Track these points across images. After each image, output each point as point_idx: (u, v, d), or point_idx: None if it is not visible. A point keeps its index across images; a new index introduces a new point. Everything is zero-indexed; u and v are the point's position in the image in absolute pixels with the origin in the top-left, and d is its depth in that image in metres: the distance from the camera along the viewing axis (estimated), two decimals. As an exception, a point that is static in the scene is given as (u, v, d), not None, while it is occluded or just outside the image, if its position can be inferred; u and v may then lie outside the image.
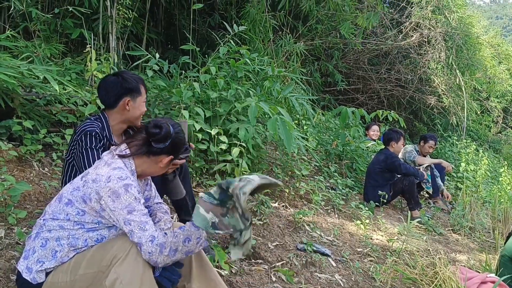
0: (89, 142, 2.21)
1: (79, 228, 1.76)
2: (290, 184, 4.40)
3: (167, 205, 2.14)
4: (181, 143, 1.97)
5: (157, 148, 1.87)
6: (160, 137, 1.85)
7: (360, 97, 10.35)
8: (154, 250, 1.66)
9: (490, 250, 4.55)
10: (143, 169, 1.92)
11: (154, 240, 1.67)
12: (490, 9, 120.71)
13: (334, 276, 3.09)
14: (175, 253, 1.71)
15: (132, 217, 1.69)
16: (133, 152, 1.86)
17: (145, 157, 1.89)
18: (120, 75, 2.31)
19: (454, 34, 9.40)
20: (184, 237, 1.73)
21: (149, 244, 1.66)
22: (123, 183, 1.71)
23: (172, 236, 1.72)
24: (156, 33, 7.42)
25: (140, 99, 2.32)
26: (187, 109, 3.59)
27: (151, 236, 1.68)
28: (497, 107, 14.25)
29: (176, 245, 1.71)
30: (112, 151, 1.86)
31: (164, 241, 1.69)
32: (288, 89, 4.52)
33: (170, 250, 1.69)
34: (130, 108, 2.29)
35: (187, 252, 1.75)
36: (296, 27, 8.34)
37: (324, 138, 6.33)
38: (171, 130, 1.87)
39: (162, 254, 1.67)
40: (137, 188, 1.76)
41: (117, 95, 2.27)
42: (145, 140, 1.88)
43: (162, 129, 1.85)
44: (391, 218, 4.84)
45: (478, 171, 7.81)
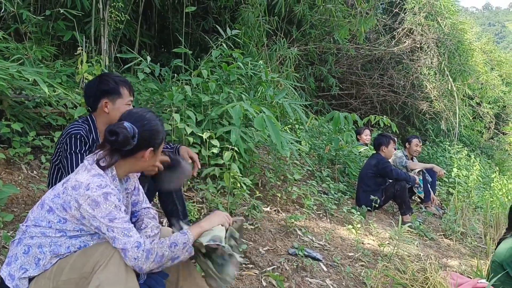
0: (74, 146, 2.18)
1: (61, 236, 1.72)
2: (282, 189, 4.38)
3: (155, 210, 2.11)
4: (155, 132, 1.83)
5: (126, 150, 1.77)
6: (120, 143, 1.73)
7: (353, 102, 10.38)
8: (140, 256, 1.63)
9: (481, 255, 4.55)
10: (127, 169, 1.86)
11: (140, 246, 1.64)
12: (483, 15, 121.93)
13: (325, 281, 3.07)
14: (162, 259, 1.68)
15: (115, 224, 1.65)
16: (108, 164, 1.77)
17: (122, 161, 1.81)
18: (100, 77, 2.29)
19: (447, 40, 9.46)
20: (170, 242, 1.71)
21: (135, 250, 1.63)
22: (102, 191, 1.66)
23: (158, 242, 1.70)
24: (149, 36, 7.40)
25: (120, 101, 2.27)
26: (178, 112, 3.57)
27: (136, 242, 1.64)
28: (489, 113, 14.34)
29: (162, 250, 1.68)
30: (95, 155, 1.81)
31: (151, 247, 1.66)
32: (282, 94, 4.51)
33: (157, 256, 1.66)
34: (110, 110, 2.26)
35: (174, 258, 1.72)
36: (290, 31, 8.35)
37: (317, 143, 6.33)
38: (129, 131, 1.73)
39: (148, 260, 1.64)
40: (117, 196, 1.71)
41: (94, 97, 2.26)
42: (110, 148, 1.77)
43: (118, 135, 1.72)
44: (382, 222, 4.83)
45: (470, 177, 7.84)
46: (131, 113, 1.84)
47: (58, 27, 5.51)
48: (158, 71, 4.01)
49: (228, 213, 3.36)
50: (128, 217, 1.72)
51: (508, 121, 16.03)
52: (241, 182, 3.53)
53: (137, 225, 1.98)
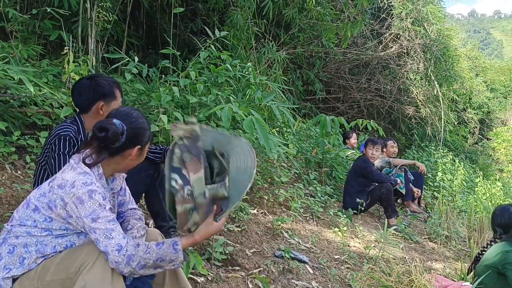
0: (62, 147, 2.16)
1: (47, 235, 1.70)
2: (269, 191, 4.39)
3: (141, 211, 2.10)
4: (142, 130, 1.83)
5: (114, 147, 1.76)
6: (109, 139, 1.73)
7: (340, 106, 10.45)
8: (121, 261, 1.60)
9: (465, 258, 4.61)
10: (114, 168, 1.85)
11: (121, 250, 1.60)
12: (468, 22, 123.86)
13: (311, 283, 3.08)
14: (143, 268, 1.64)
15: (97, 225, 1.62)
16: (95, 161, 1.76)
17: (110, 159, 1.80)
18: (93, 79, 2.26)
19: (433, 46, 9.59)
20: (156, 257, 1.65)
21: (115, 254, 1.60)
22: (87, 188, 1.65)
23: (144, 251, 1.64)
24: (136, 37, 7.35)
25: (115, 103, 2.27)
26: (166, 113, 3.55)
27: (117, 245, 1.61)
28: (474, 119, 14.56)
29: (146, 261, 1.63)
30: (80, 154, 1.80)
31: (134, 253, 1.62)
32: (270, 96, 4.52)
33: (138, 264, 1.62)
34: (104, 112, 2.25)
35: (157, 269, 1.69)
36: (279, 35, 8.37)
37: (305, 146, 6.35)
38: (119, 128, 1.73)
39: (129, 265, 1.61)
40: (102, 194, 1.69)
41: (90, 99, 2.23)
42: (98, 145, 1.77)
43: (108, 131, 1.71)
44: (368, 225, 4.87)
45: (455, 181, 7.94)
46: (118, 111, 1.83)
47: (44, 26, 5.45)
48: (145, 72, 3.99)
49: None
50: (113, 216, 1.70)
51: (492, 127, 16.30)
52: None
53: (123, 226, 1.96)
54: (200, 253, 2.87)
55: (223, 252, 2.94)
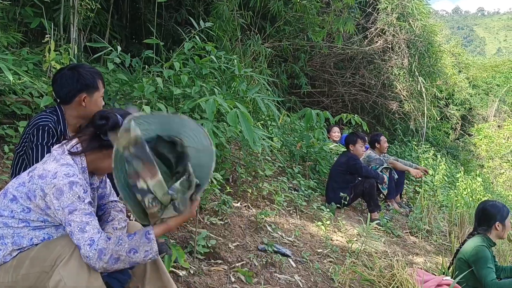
0: (41, 138, 2.11)
1: (24, 226, 1.66)
2: (253, 185, 4.37)
3: (122, 204, 2.06)
4: None
5: (108, 140, 1.74)
6: (108, 128, 1.73)
7: (325, 100, 10.46)
8: (92, 255, 1.55)
9: (446, 253, 4.67)
10: (97, 165, 1.82)
11: (92, 244, 1.56)
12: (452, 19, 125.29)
13: (293, 276, 3.08)
14: (117, 262, 1.58)
15: (73, 217, 1.58)
16: (84, 148, 1.75)
17: (97, 151, 1.78)
18: (76, 70, 2.20)
19: (417, 41, 9.64)
20: (129, 248, 1.59)
21: (87, 248, 1.55)
22: (69, 180, 1.61)
23: (115, 244, 1.58)
24: (120, 26, 7.23)
25: (97, 94, 2.23)
26: (149, 104, 3.49)
27: (89, 239, 1.56)
28: (456, 115, 14.74)
29: (118, 254, 1.57)
30: (63, 146, 1.77)
31: (105, 247, 1.56)
32: (254, 89, 4.49)
33: (111, 258, 1.56)
34: (87, 104, 2.20)
35: (132, 263, 1.62)
36: (264, 27, 8.33)
37: (289, 140, 6.35)
38: (119, 119, 1.74)
39: (100, 260, 1.55)
40: (83, 186, 1.66)
41: (73, 91, 2.18)
42: (93, 133, 1.77)
43: (109, 120, 1.73)
44: (351, 219, 4.89)
45: (436, 176, 8.03)
46: (117, 109, 1.87)
47: (25, 13, 5.32)
48: (128, 62, 3.92)
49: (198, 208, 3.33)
50: (91, 209, 1.66)
51: (474, 123, 16.54)
52: (211, 177, 3.49)
53: (104, 217, 1.94)
54: (182, 246, 2.85)
55: (205, 246, 2.92)
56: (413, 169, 6.02)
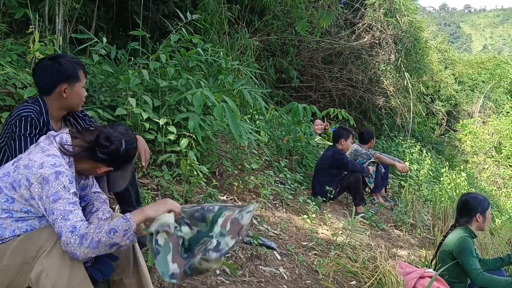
0: (23, 129, 2.08)
1: (7, 217, 1.65)
2: (239, 178, 4.37)
3: (105, 195, 2.05)
4: (128, 160, 1.89)
5: (101, 157, 1.79)
6: (107, 152, 1.78)
7: (313, 94, 10.49)
8: (73, 241, 1.54)
9: (429, 246, 4.74)
10: (81, 168, 1.84)
11: (74, 231, 1.55)
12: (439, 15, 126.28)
13: (278, 269, 3.10)
14: (98, 245, 1.57)
15: (57, 206, 1.58)
16: (75, 154, 1.77)
17: (87, 160, 1.81)
18: (56, 60, 2.17)
19: (404, 37, 9.71)
20: (109, 228, 1.60)
21: (68, 235, 1.55)
22: (55, 169, 1.62)
23: (95, 227, 1.59)
24: (106, 18, 7.16)
25: (78, 85, 2.20)
26: (134, 97, 3.47)
27: (72, 226, 1.56)
28: (442, 110, 14.91)
29: (99, 236, 1.57)
30: (51, 137, 1.76)
31: (86, 231, 1.56)
32: (241, 81, 4.49)
33: (92, 241, 1.56)
34: (68, 95, 2.18)
35: (112, 245, 1.61)
36: (252, 21, 8.31)
37: (276, 133, 6.36)
38: (121, 148, 1.79)
39: (82, 245, 1.55)
40: (69, 177, 1.66)
41: (53, 81, 2.15)
42: (91, 146, 1.79)
43: (112, 145, 1.78)
44: (337, 213, 4.93)
45: (421, 171, 8.12)
46: (128, 132, 1.88)
47: (10, 4, 5.22)
48: (114, 54, 3.88)
49: (184, 201, 3.33)
50: (76, 199, 1.66)
51: (459, 119, 16.73)
52: (197, 170, 3.49)
53: (88, 208, 1.94)
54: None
55: (190, 238, 2.92)
56: (399, 163, 6.06)
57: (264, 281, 2.89)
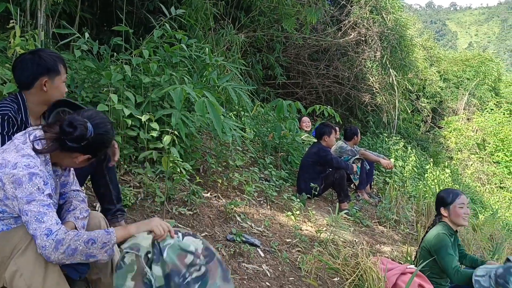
0: (1, 127, 2.05)
1: None
2: (223, 175, 4.36)
3: (85, 194, 2.02)
4: (102, 145, 1.81)
5: (70, 146, 1.72)
6: (72, 138, 1.70)
7: (299, 91, 10.51)
8: (48, 245, 1.52)
9: (412, 242, 4.78)
10: (58, 160, 1.80)
11: (50, 235, 1.53)
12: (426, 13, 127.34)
13: (261, 266, 3.10)
14: (74, 253, 1.55)
15: (30, 207, 1.55)
16: (46, 149, 1.71)
17: (59, 152, 1.75)
18: (37, 54, 2.14)
19: (390, 34, 9.76)
20: (87, 238, 1.57)
21: (43, 238, 1.52)
22: (29, 171, 1.58)
23: (74, 235, 1.56)
24: (90, 13, 7.06)
25: (58, 79, 2.17)
26: (116, 93, 3.43)
27: (47, 229, 1.53)
28: (427, 107, 15.04)
29: (76, 244, 1.55)
30: (27, 135, 1.72)
31: (63, 237, 1.54)
32: (226, 78, 4.46)
33: (68, 248, 1.54)
34: (48, 89, 2.15)
35: (89, 256, 1.59)
36: (239, 17, 8.28)
37: (262, 130, 6.35)
38: (88, 132, 1.70)
39: (57, 250, 1.52)
40: (44, 178, 1.63)
41: (33, 74, 2.12)
42: (58, 134, 1.72)
43: (76, 130, 1.69)
44: (321, 210, 4.94)
45: (406, 167, 8.19)
46: (97, 116, 1.80)
47: (-10, -2, 5.12)
48: (96, 49, 3.83)
49: (166, 199, 3.31)
50: (50, 201, 1.62)
51: (444, 116, 16.90)
52: (181, 167, 3.46)
53: (65, 206, 1.91)
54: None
55: (173, 236, 2.90)
56: (383, 160, 6.09)
57: (247, 278, 2.89)
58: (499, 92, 19.43)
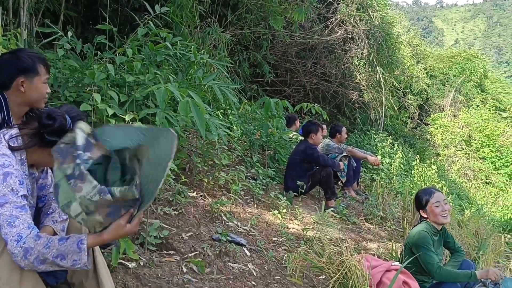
0: None
1: None
2: (210, 174, 4.34)
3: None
4: None
5: (50, 140, 1.67)
6: (52, 130, 1.66)
7: (287, 89, 10.50)
8: (17, 253, 1.48)
9: (398, 238, 4.81)
10: (36, 160, 1.75)
11: (19, 241, 1.48)
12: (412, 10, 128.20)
13: (247, 265, 3.09)
14: (43, 264, 1.51)
15: (3, 210, 1.51)
16: (25, 145, 1.68)
17: (38, 148, 1.71)
18: (15, 53, 2.11)
19: (376, 32, 9.80)
20: (57, 253, 1.50)
21: (13, 244, 1.48)
22: (3, 171, 1.55)
23: (43, 245, 1.50)
24: (75, 11, 6.98)
25: (37, 79, 2.13)
26: (100, 92, 3.39)
27: (17, 234, 1.49)
28: (414, 104, 15.16)
29: (44, 257, 1.50)
30: (1, 135, 1.69)
31: (32, 246, 1.48)
32: (211, 76, 4.44)
33: (37, 259, 1.49)
34: (26, 90, 2.11)
35: (59, 266, 1.54)
36: (225, 15, 8.24)
37: (249, 128, 6.34)
38: (67, 124, 1.67)
39: (26, 259, 1.48)
40: (19, 178, 1.59)
41: (9, 74, 2.08)
42: (37, 130, 1.68)
43: (55, 121, 1.65)
44: (308, 207, 4.95)
45: (393, 164, 8.24)
46: (73, 110, 1.78)
47: (-30, -4, 5.04)
48: (80, 48, 3.78)
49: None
50: (24, 203, 1.58)
51: (431, 112, 17.06)
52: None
53: (44, 209, 1.88)
54: (133, 237, 2.80)
55: (157, 236, 2.88)
56: (370, 157, 6.12)
57: (233, 278, 2.88)
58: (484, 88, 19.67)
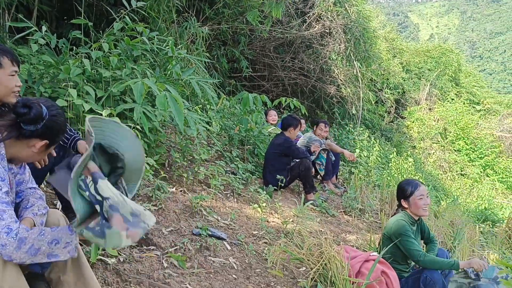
0: None
1: None
2: (189, 169, 4.33)
3: (42, 191, 1.97)
4: (58, 127, 1.75)
5: (27, 130, 1.65)
6: (29, 118, 1.64)
7: (265, 84, 10.52)
8: (9, 243, 1.48)
9: (376, 230, 4.90)
10: (13, 153, 1.72)
11: (10, 232, 1.48)
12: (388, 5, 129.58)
13: (228, 259, 3.10)
14: (36, 253, 1.52)
15: None
16: (2, 138, 1.65)
17: (16, 140, 1.68)
18: None
19: (353, 27, 9.89)
20: (51, 238, 1.54)
21: (3, 236, 1.47)
22: None
23: (37, 233, 1.53)
24: (49, 6, 6.84)
25: (2, 72, 2.08)
26: (76, 87, 3.34)
27: (7, 227, 1.49)
28: (390, 98, 15.37)
29: (39, 244, 1.51)
30: None
31: (26, 236, 1.50)
32: (189, 71, 4.42)
33: (31, 248, 1.50)
34: None
35: (51, 256, 1.57)
36: (203, 9, 8.19)
37: (228, 123, 6.34)
38: (43, 111, 1.66)
39: (20, 250, 1.49)
40: (0, 174, 1.58)
41: None
42: (13, 121, 1.65)
43: (31, 109, 1.63)
44: (288, 201, 4.99)
45: (371, 157, 8.36)
46: (47, 101, 1.76)
47: None
48: (54, 43, 3.72)
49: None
50: (8, 199, 1.57)
51: (407, 106, 17.33)
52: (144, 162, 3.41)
53: (22, 204, 1.85)
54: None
55: (137, 232, 2.86)
56: (347, 151, 6.20)
57: (214, 271, 2.89)
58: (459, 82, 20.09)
